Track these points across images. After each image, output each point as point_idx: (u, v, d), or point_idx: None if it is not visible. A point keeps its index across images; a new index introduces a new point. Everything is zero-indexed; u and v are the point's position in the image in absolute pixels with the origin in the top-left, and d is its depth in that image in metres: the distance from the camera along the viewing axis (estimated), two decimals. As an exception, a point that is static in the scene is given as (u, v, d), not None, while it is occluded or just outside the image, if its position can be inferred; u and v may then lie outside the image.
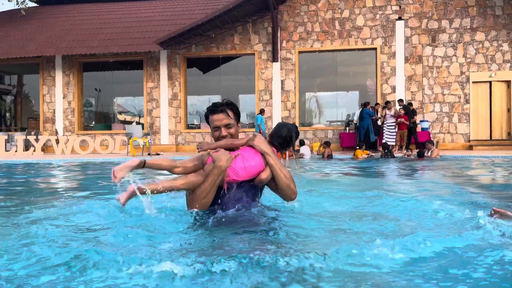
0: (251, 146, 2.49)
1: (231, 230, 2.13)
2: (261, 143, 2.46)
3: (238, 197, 2.46)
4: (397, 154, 12.20)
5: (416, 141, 13.10)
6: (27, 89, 21.44)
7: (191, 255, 1.76)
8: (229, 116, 2.45)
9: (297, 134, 2.58)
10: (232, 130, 2.47)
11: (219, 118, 2.44)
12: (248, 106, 17.45)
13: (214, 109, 2.47)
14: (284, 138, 2.53)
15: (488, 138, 14.54)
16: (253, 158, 2.44)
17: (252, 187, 2.52)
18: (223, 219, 2.29)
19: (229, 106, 2.49)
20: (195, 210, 2.38)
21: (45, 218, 2.56)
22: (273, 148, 2.53)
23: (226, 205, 2.44)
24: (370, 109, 13.58)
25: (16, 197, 3.48)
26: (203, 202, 2.35)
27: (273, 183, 2.49)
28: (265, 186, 2.64)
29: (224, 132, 2.45)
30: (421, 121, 14.16)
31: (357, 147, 12.65)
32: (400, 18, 14.79)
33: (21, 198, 3.49)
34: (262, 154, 2.45)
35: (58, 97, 16.72)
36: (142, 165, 2.28)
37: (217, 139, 2.48)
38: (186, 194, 2.54)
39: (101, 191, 4.06)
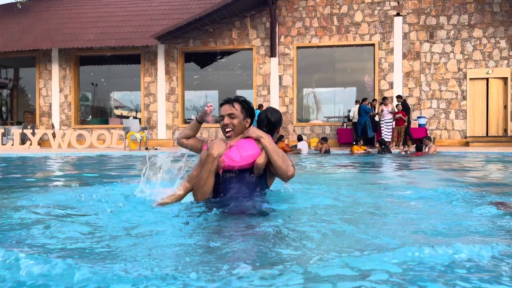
0: (247, 138, 2.60)
1: (228, 225, 2.13)
2: (255, 130, 2.64)
3: (239, 187, 2.56)
4: (394, 150, 12.23)
5: (411, 137, 13.14)
6: (24, 83, 21.27)
7: (186, 252, 1.76)
8: (234, 107, 2.64)
9: (273, 112, 2.79)
10: (234, 121, 2.62)
11: (225, 108, 2.66)
12: (245, 101, 17.40)
13: (223, 100, 2.70)
14: (267, 122, 2.75)
15: (485, 135, 14.60)
16: (249, 147, 2.55)
17: (253, 178, 2.60)
18: (222, 212, 2.30)
19: (237, 101, 2.68)
20: (196, 201, 2.53)
21: (40, 212, 2.55)
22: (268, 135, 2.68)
23: (227, 194, 2.55)
24: (368, 105, 13.60)
25: (7, 191, 3.48)
26: (204, 190, 2.49)
27: (273, 168, 2.59)
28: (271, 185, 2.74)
29: (226, 120, 2.62)
30: (418, 117, 14.19)
31: (354, 143, 12.68)
32: (398, 14, 14.78)
33: (13, 192, 3.49)
34: (258, 140, 2.57)
35: (54, 91, 16.63)
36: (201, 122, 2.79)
37: (221, 127, 2.67)
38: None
39: (99, 185, 4.06)
